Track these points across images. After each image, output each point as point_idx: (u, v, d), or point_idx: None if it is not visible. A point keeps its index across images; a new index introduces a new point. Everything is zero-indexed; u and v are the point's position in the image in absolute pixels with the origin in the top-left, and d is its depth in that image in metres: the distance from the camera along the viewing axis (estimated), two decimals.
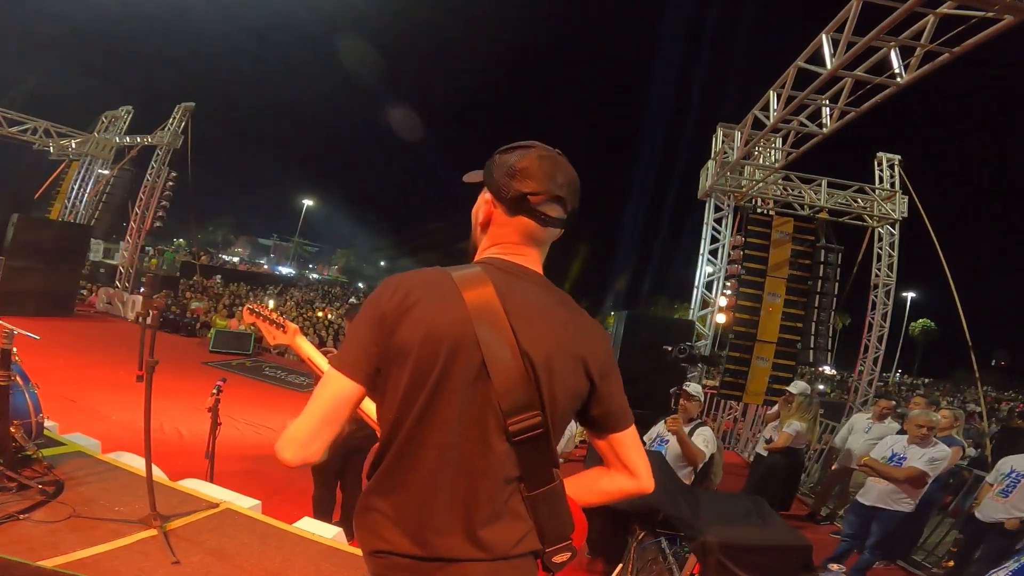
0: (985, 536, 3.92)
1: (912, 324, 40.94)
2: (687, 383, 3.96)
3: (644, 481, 1.10)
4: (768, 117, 6.62)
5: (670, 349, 4.14)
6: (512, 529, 0.99)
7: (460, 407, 0.96)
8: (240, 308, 13.02)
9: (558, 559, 1.04)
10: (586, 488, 1.12)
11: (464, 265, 1.07)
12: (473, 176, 1.15)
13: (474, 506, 0.97)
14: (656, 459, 3.40)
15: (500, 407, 0.96)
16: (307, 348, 1.52)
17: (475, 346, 0.96)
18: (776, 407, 5.90)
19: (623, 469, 1.10)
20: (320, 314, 15.72)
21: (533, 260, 1.10)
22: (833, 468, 6.03)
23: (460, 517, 0.97)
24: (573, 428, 3.88)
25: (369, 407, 1.20)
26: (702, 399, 3.89)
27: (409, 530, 0.97)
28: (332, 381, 0.99)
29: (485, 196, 1.10)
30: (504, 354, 0.96)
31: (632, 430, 1.10)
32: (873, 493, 3.99)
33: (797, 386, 5.75)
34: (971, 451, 6.50)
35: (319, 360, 1.51)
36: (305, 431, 0.98)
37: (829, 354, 8.80)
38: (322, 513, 3.33)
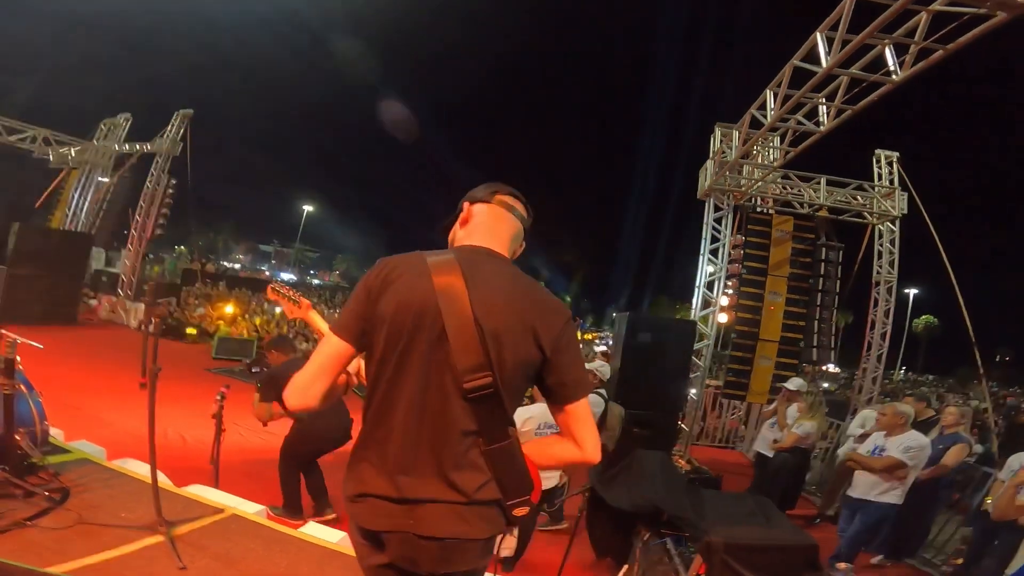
0: (998, 533, 3.92)
1: (915, 321, 40.83)
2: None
3: (588, 451, 1.22)
4: (765, 116, 6.62)
5: None
6: (473, 477, 1.15)
7: (425, 366, 1.15)
8: (245, 315, 13.15)
9: (517, 512, 1.20)
10: (540, 452, 1.27)
11: (440, 251, 1.30)
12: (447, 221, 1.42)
13: (441, 451, 1.14)
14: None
15: (456, 367, 1.13)
16: (318, 321, 1.68)
17: (437, 315, 1.14)
18: (774, 404, 5.90)
19: (571, 438, 1.23)
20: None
21: (502, 245, 1.31)
22: (838, 463, 6.01)
23: (430, 459, 1.14)
24: None
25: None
26: (603, 374, 4.39)
27: (385, 472, 1.15)
28: (328, 341, 1.23)
29: (464, 206, 1.36)
30: (461, 322, 1.14)
31: (583, 403, 1.23)
32: (859, 486, 4.11)
33: (794, 383, 5.75)
34: (978, 447, 6.48)
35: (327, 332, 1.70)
36: (304, 379, 1.19)
37: (832, 352, 8.79)
38: (290, 497, 3.72)
